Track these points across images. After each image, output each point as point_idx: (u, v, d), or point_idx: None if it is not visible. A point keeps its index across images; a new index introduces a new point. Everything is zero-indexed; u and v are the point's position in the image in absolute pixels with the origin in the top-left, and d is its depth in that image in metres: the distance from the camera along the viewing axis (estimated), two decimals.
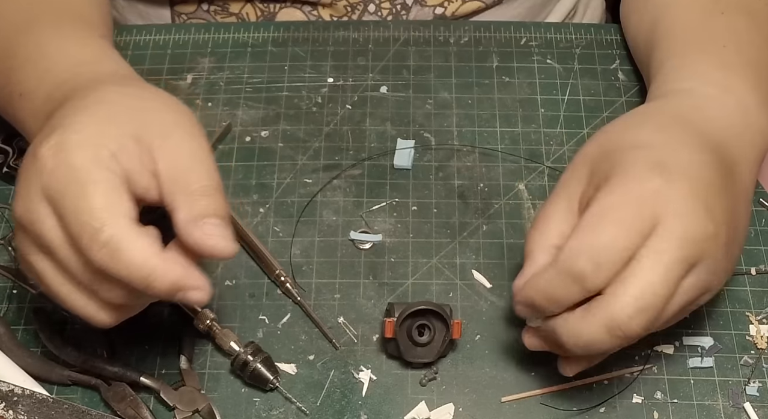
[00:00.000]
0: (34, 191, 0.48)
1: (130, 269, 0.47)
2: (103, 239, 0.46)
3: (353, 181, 0.71)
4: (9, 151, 0.70)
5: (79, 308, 0.51)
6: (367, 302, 0.65)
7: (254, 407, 0.60)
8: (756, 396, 0.61)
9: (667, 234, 0.49)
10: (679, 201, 0.49)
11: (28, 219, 0.49)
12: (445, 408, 0.60)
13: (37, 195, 0.48)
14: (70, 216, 0.47)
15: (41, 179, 0.48)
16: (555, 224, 0.54)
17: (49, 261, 0.50)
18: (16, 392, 0.57)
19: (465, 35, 0.80)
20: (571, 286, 0.50)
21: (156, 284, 0.48)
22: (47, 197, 0.48)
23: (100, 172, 0.48)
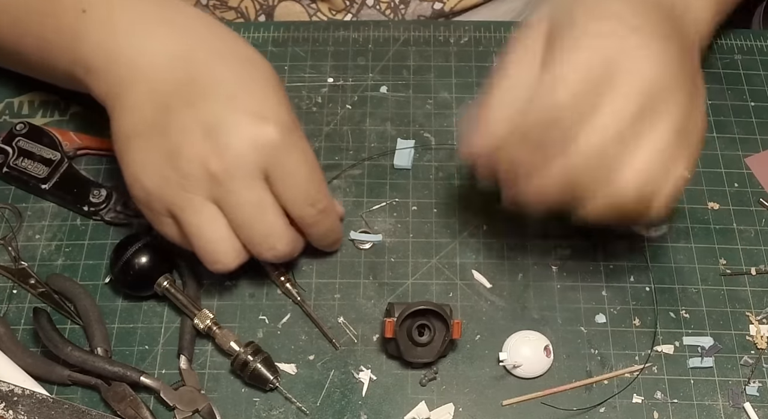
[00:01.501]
0: (251, 162, 0.55)
1: (325, 229, 0.62)
2: (320, 208, 0.59)
3: (353, 181, 0.71)
4: (9, 151, 0.70)
5: (221, 251, 0.57)
6: (367, 302, 0.65)
7: (254, 407, 0.60)
8: (756, 396, 0.61)
9: (625, 81, 0.51)
10: (633, 46, 0.52)
11: (235, 181, 0.55)
12: (445, 408, 0.60)
13: (255, 167, 0.55)
14: (296, 190, 0.57)
15: (265, 157, 0.55)
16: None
17: (218, 211, 0.56)
18: (16, 392, 0.57)
19: (465, 35, 0.80)
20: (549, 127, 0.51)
21: (331, 241, 0.64)
22: (266, 171, 0.56)
23: (312, 151, 0.59)
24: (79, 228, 0.68)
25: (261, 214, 0.56)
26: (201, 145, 0.55)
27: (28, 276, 0.66)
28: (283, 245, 0.58)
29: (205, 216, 0.56)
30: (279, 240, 0.58)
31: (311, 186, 0.58)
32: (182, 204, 0.56)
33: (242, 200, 0.55)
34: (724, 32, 0.80)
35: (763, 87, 0.76)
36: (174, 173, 0.55)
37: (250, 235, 0.57)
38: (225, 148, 0.54)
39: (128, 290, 0.64)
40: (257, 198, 0.56)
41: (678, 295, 0.65)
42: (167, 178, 0.55)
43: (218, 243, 0.57)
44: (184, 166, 0.55)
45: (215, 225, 0.56)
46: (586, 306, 0.65)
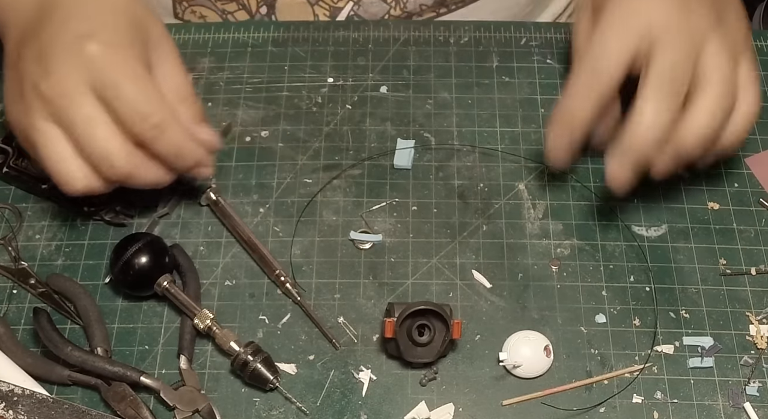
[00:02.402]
0: (75, 79, 0.57)
1: (170, 145, 0.60)
2: (154, 123, 0.58)
3: (353, 181, 0.71)
4: (9, 151, 0.69)
5: (67, 172, 0.59)
6: (367, 302, 0.65)
7: (254, 407, 0.60)
8: (756, 396, 0.61)
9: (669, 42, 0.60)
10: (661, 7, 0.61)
11: (63, 98, 0.57)
12: (445, 408, 0.60)
13: (80, 83, 0.57)
14: (124, 105, 0.57)
15: (89, 72, 0.57)
16: None
17: (60, 131, 0.58)
18: (16, 392, 0.57)
19: (465, 35, 0.80)
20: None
21: (184, 160, 0.61)
22: (94, 87, 0.57)
23: (144, 69, 0.59)
24: (79, 228, 0.68)
25: (92, 129, 0.57)
26: (34, 69, 0.58)
27: (28, 276, 0.66)
28: (121, 162, 0.58)
29: (48, 137, 0.58)
30: (116, 158, 0.58)
31: (140, 100, 0.58)
32: (30, 129, 0.59)
33: (72, 117, 0.57)
34: None
35: (763, 87, 0.76)
36: (21, 101, 0.59)
37: (89, 153, 0.58)
38: (50, 69, 0.57)
39: (128, 290, 0.64)
40: (86, 114, 0.57)
41: (678, 295, 0.65)
42: (19, 106, 0.59)
43: (63, 163, 0.58)
44: (25, 92, 0.58)
45: (59, 146, 0.58)
46: (586, 306, 0.65)
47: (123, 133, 0.58)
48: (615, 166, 0.62)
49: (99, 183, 0.59)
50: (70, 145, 0.58)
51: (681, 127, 0.60)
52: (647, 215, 0.69)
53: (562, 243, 0.68)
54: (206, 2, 0.82)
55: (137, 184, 0.60)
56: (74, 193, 0.60)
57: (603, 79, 0.61)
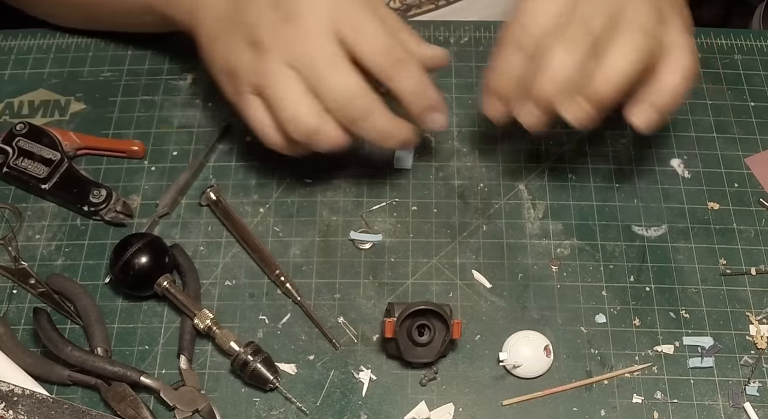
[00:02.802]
0: (318, 20, 0.58)
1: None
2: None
3: (353, 181, 0.71)
4: (9, 151, 0.69)
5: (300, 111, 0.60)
6: (367, 302, 0.65)
7: (254, 407, 0.60)
8: (756, 396, 0.61)
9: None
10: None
11: (306, 40, 0.58)
12: (445, 408, 0.60)
13: (322, 25, 0.58)
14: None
15: (333, 13, 0.58)
16: None
17: (295, 74, 0.59)
18: (16, 392, 0.57)
19: (465, 35, 0.80)
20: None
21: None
22: (336, 29, 0.58)
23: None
24: (79, 228, 0.68)
25: (333, 68, 0.58)
26: (271, 16, 0.59)
27: (28, 276, 0.66)
28: (358, 102, 0.59)
29: (282, 79, 0.59)
30: (353, 96, 0.59)
31: (379, 37, 0.59)
32: (263, 75, 0.59)
33: (314, 54, 0.58)
34: (724, 32, 0.80)
35: (763, 87, 0.76)
36: (254, 52, 0.60)
37: (326, 92, 0.59)
38: (292, 12, 0.59)
39: (128, 290, 0.64)
40: (329, 52, 0.58)
41: (678, 295, 0.65)
42: (249, 60, 0.60)
43: (297, 103, 0.59)
44: (263, 40, 0.59)
45: (293, 85, 0.59)
46: (586, 306, 0.65)
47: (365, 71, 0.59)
48: (524, 112, 0.61)
49: (332, 125, 0.60)
50: (305, 86, 0.59)
51: (593, 73, 0.59)
52: (647, 215, 0.69)
53: (562, 243, 0.68)
54: None
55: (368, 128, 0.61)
56: (306, 139, 0.60)
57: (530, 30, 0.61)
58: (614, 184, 0.71)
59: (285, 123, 0.60)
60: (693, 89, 0.74)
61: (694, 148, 0.72)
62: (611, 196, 0.70)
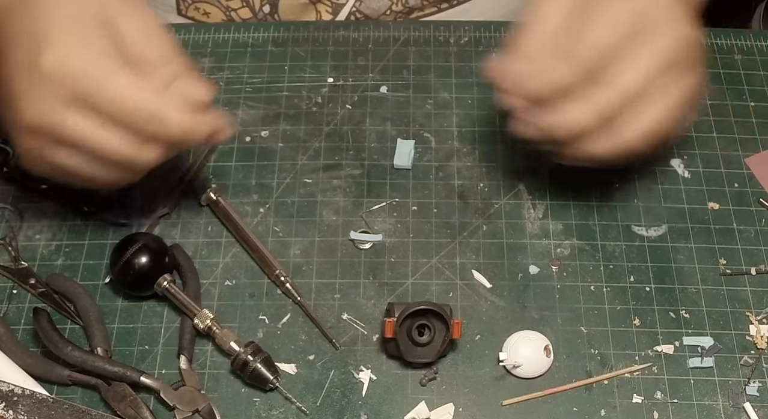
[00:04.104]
0: (50, 101, 0.54)
1: (176, 130, 0.56)
2: (148, 114, 0.55)
3: (353, 181, 0.71)
4: (9, 151, 0.69)
5: (105, 176, 0.58)
6: (367, 302, 0.65)
7: (254, 407, 0.60)
8: (756, 396, 0.61)
9: (657, 38, 0.57)
10: (669, 14, 0.58)
11: (51, 123, 0.54)
12: (445, 408, 0.60)
13: (57, 103, 0.54)
14: (109, 108, 0.54)
15: (59, 88, 0.54)
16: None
17: (70, 151, 0.56)
18: (16, 392, 0.57)
19: (465, 35, 0.80)
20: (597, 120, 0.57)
21: (197, 135, 0.58)
22: (71, 101, 0.54)
23: (112, 61, 0.55)
24: (79, 228, 0.68)
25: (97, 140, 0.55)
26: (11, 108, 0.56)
27: (28, 276, 0.66)
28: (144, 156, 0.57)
29: (65, 155, 0.56)
30: (136, 155, 0.56)
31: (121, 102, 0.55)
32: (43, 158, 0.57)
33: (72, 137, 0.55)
34: (724, 32, 0.80)
35: (763, 87, 0.76)
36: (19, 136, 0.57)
37: (110, 160, 0.56)
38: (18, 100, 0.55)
39: (128, 290, 0.64)
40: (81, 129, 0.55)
41: (678, 295, 0.65)
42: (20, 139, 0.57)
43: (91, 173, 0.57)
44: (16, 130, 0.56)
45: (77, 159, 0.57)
46: (586, 306, 0.65)
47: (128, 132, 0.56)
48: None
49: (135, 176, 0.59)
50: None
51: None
52: (647, 215, 0.69)
53: (562, 243, 0.68)
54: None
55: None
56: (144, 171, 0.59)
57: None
58: (614, 184, 0.71)
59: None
60: None
61: (694, 148, 0.72)
62: (611, 196, 0.70)
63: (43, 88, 0.54)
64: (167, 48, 0.58)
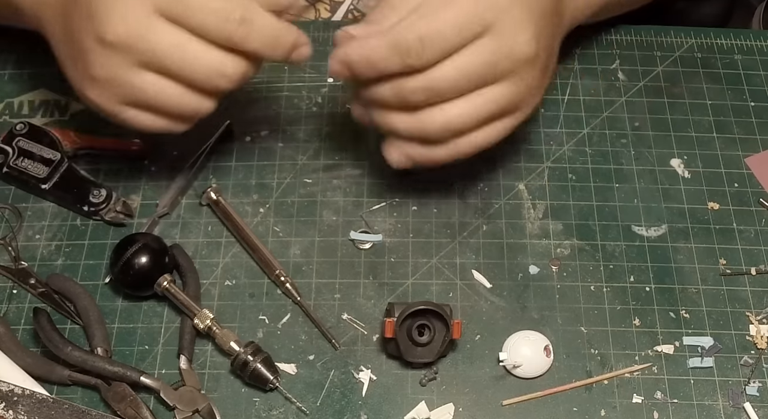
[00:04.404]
0: (139, 10, 0.54)
1: (265, 36, 0.56)
2: (239, 18, 0.55)
3: (353, 181, 0.71)
4: (9, 151, 0.69)
5: (186, 103, 0.58)
6: (367, 302, 0.65)
7: (254, 407, 0.60)
8: (756, 396, 0.61)
9: (493, 41, 0.55)
10: (515, 16, 0.56)
11: (138, 36, 0.54)
12: (445, 408, 0.60)
13: (146, 12, 0.54)
14: (199, 13, 0.54)
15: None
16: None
17: (153, 71, 0.56)
18: (16, 392, 0.57)
19: None
20: (394, 57, 0.55)
21: (283, 44, 0.58)
22: (160, 10, 0.54)
23: None
24: (79, 228, 0.68)
25: (184, 54, 0.55)
26: (90, 26, 0.55)
27: (28, 276, 0.66)
28: (230, 69, 0.56)
29: (147, 81, 0.56)
30: (224, 68, 0.56)
31: (212, 5, 0.55)
32: (124, 87, 0.56)
33: (157, 51, 0.55)
34: (724, 32, 0.80)
35: (763, 87, 0.76)
36: (95, 66, 0.56)
37: (193, 77, 0.56)
38: (104, 16, 0.54)
39: (128, 290, 0.64)
40: (169, 42, 0.55)
41: (678, 295, 0.65)
42: (94, 76, 0.57)
43: (182, 98, 0.57)
44: (92, 54, 0.56)
45: (159, 85, 0.56)
46: (586, 306, 0.65)
47: (214, 43, 0.56)
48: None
49: (213, 101, 0.59)
50: (171, 81, 0.56)
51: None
52: (647, 215, 0.69)
53: (562, 243, 0.68)
54: None
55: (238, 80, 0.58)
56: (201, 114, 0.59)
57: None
58: (614, 184, 0.71)
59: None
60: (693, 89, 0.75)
61: (694, 148, 0.72)
62: (611, 196, 0.70)
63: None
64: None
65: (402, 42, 0.55)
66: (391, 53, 0.55)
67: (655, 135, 0.73)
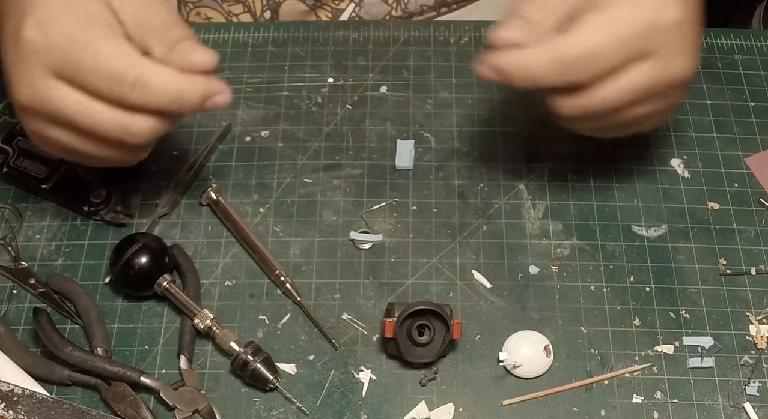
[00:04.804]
0: (37, 73, 0.52)
1: (164, 95, 0.53)
2: (132, 80, 0.52)
3: (353, 181, 0.71)
4: (9, 151, 0.69)
5: (107, 155, 0.57)
6: (367, 302, 0.65)
7: (254, 407, 0.60)
8: (756, 396, 0.61)
9: (654, 66, 0.55)
10: (676, 39, 0.56)
11: (40, 99, 0.53)
12: (445, 408, 0.60)
13: (42, 75, 0.52)
14: (91, 76, 0.52)
15: (41, 58, 0.52)
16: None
17: (66, 129, 0.55)
18: (16, 392, 0.57)
19: (465, 35, 0.80)
20: (555, 74, 0.55)
21: (191, 98, 0.54)
22: (55, 72, 0.52)
23: (95, 27, 0.53)
24: (79, 228, 0.68)
25: (86, 114, 0.53)
26: (8, 90, 0.55)
27: (28, 276, 0.66)
28: (136, 128, 0.54)
29: (66, 138, 0.55)
30: (128, 127, 0.54)
31: (102, 64, 0.52)
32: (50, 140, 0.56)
33: (62, 110, 0.53)
34: (724, 32, 0.80)
35: (763, 87, 0.76)
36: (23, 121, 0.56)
37: (104, 135, 0.55)
38: (13, 76, 0.54)
39: (128, 290, 0.64)
40: (70, 102, 0.53)
41: (678, 295, 0.65)
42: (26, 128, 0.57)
43: (96, 153, 0.56)
44: (19, 114, 0.56)
45: (78, 141, 0.56)
46: (586, 306, 0.65)
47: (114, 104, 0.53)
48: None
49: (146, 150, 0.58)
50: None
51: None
52: (647, 215, 0.69)
53: (562, 243, 0.68)
54: (212, 3, 0.82)
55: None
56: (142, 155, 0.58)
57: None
58: (614, 183, 0.71)
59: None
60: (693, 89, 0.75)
61: (694, 148, 0.72)
62: (611, 196, 0.70)
63: (28, 60, 0.52)
64: (169, 15, 0.56)
65: (565, 59, 0.54)
66: (552, 70, 0.55)
67: (655, 135, 0.73)
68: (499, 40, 0.57)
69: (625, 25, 0.54)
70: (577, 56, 0.54)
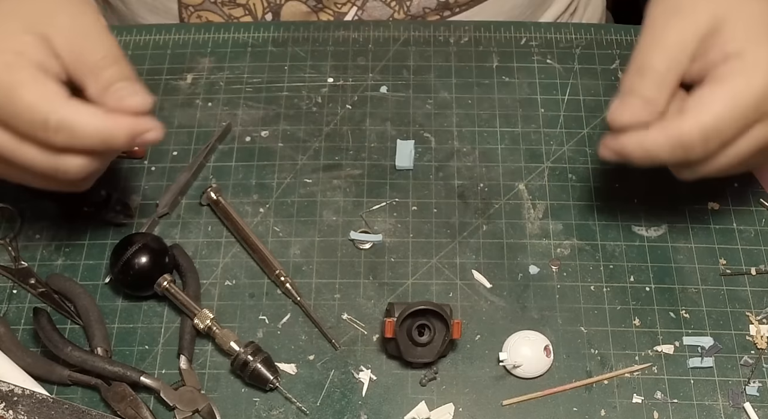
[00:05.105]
0: None
1: (88, 137, 0.53)
2: (55, 125, 0.52)
3: (353, 181, 0.71)
4: None
5: (48, 185, 0.58)
6: (367, 302, 0.65)
7: (254, 407, 0.60)
8: (756, 396, 0.61)
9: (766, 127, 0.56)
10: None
11: None
12: (445, 408, 0.60)
13: None
14: (14, 121, 0.52)
15: None
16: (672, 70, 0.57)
17: (2, 164, 0.55)
18: (16, 392, 0.57)
19: (465, 35, 0.80)
20: (675, 153, 0.56)
21: (116, 139, 0.54)
22: None
23: (18, 72, 0.52)
24: (79, 228, 0.68)
25: (19, 154, 0.54)
26: None
27: (28, 276, 0.66)
28: (68, 167, 0.55)
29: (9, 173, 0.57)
30: (60, 167, 0.54)
31: (24, 110, 0.52)
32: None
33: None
34: None
35: None
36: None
37: (41, 173, 0.55)
38: None
39: (128, 290, 0.64)
40: (2, 142, 0.54)
41: (678, 295, 0.65)
42: None
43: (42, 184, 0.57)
44: None
45: (19, 175, 0.57)
46: (586, 306, 0.65)
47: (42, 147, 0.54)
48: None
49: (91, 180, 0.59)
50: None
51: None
52: (647, 215, 0.69)
53: (562, 243, 0.68)
54: (213, 7, 0.82)
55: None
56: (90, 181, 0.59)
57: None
58: (614, 184, 0.71)
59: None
60: None
61: None
62: (611, 196, 0.70)
63: None
64: (109, 50, 0.55)
65: (685, 140, 0.55)
66: (672, 150, 0.56)
67: None
68: (617, 122, 0.58)
69: (742, 98, 0.55)
70: (696, 138, 0.55)
